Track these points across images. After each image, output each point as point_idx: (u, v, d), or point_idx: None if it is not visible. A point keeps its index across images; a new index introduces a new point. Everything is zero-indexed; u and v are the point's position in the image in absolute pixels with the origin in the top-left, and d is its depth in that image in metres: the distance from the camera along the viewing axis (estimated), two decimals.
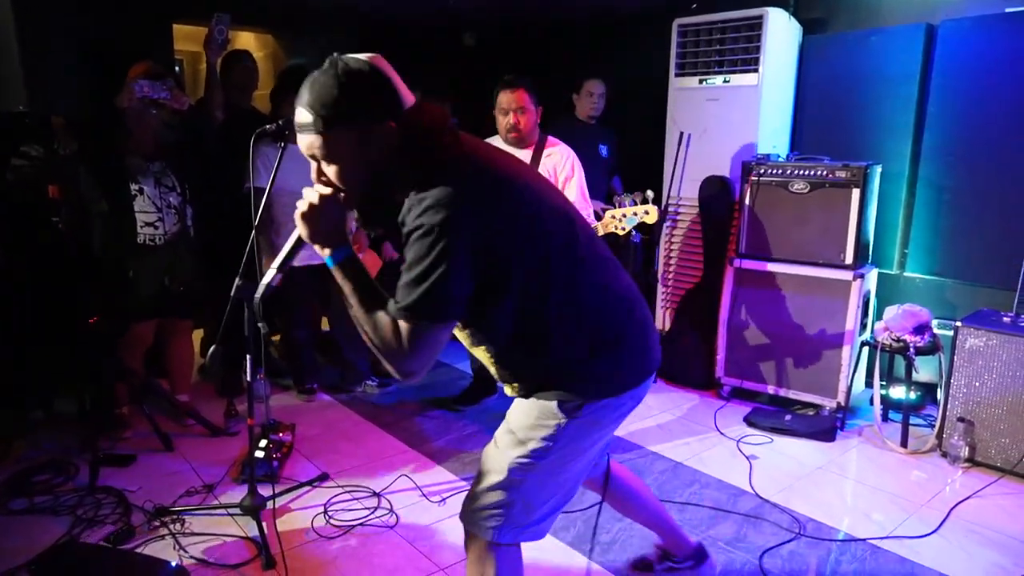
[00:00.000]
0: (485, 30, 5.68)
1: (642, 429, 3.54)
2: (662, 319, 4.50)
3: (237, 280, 2.44)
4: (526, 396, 1.63)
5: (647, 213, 3.02)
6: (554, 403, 1.57)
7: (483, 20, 5.53)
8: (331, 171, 1.44)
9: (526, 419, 1.61)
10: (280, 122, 2.59)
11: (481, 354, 1.64)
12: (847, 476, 3.11)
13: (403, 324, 1.40)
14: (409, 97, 1.46)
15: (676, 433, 3.53)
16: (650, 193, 3.04)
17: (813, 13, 4.22)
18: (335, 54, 1.44)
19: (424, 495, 2.85)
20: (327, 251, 1.48)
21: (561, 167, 3.29)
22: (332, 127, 1.38)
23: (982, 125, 3.59)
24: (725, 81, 4.05)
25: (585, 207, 3.25)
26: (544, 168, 3.27)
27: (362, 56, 1.43)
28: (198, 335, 4.20)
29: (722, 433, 3.52)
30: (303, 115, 1.40)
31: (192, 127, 3.41)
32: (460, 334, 1.61)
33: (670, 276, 4.47)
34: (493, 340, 1.58)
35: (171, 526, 2.56)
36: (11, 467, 2.90)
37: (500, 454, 1.63)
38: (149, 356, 3.48)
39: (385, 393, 4.02)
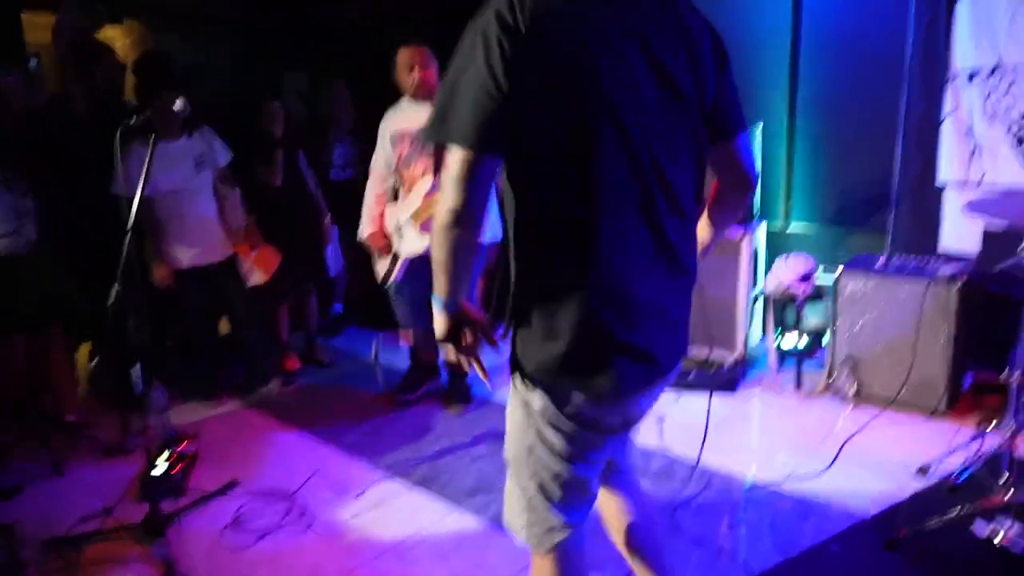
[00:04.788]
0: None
1: None
2: None
3: (115, 287, 2.29)
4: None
5: None
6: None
7: None
8: None
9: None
10: (146, 114, 2.41)
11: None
12: (749, 424, 3.27)
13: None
14: None
15: None
16: None
17: None
18: None
19: (340, 491, 2.80)
20: None
21: None
22: None
23: (847, 75, 3.78)
24: None
25: None
26: None
27: None
28: (86, 348, 3.93)
29: None
30: None
31: (48, 125, 3.14)
32: None
33: None
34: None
35: (68, 556, 2.39)
36: None
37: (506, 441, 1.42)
38: (29, 375, 3.23)
39: (292, 391, 3.90)
